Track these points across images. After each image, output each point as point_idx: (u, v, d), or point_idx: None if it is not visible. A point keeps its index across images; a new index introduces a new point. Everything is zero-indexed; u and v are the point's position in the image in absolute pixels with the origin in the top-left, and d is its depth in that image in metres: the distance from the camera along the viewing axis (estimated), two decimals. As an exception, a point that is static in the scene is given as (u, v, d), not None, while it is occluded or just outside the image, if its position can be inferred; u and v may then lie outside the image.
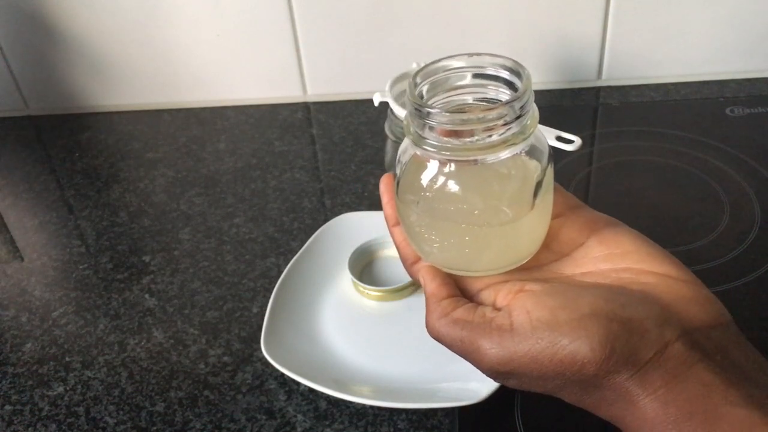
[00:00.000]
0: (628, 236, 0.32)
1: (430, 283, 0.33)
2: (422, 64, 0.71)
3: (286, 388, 0.50)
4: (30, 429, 0.49)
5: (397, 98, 0.62)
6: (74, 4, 0.80)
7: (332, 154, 0.75)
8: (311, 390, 0.49)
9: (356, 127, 0.79)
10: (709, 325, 0.29)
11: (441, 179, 0.31)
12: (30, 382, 0.53)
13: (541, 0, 0.76)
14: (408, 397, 0.46)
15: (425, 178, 0.31)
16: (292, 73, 0.83)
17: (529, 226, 0.32)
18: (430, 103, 0.32)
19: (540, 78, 0.82)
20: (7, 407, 0.51)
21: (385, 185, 0.36)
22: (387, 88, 0.64)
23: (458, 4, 0.76)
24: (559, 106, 0.79)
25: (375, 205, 0.66)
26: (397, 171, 0.33)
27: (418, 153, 0.31)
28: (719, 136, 0.70)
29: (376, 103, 0.65)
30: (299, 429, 0.47)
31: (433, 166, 0.31)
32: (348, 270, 0.55)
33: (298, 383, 0.49)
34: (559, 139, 0.65)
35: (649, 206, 0.63)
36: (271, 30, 0.80)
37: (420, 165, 0.32)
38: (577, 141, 0.65)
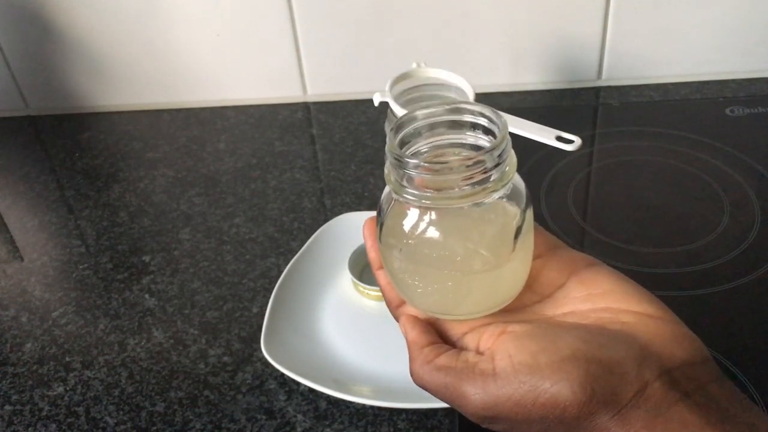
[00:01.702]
0: (607, 276, 0.33)
1: (410, 331, 0.34)
2: (422, 65, 0.71)
3: (286, 388, 0.50)
4: (30, 429, 0.49)
5: (397, 98, 0.62)
6: (74, 4, 0.80)
7: (332, 154, 0.76)
8: (311, 390, 0.49)
9: (356, 127, 0.79)
10: (688, 362, 0.29)
11: (422, 226, 0.31)
12: (30, 382, 0.53)
13: (541, 0, 0.76)
14: (408, 397, 0.46)
15: (407, 225, 0.32)
16: (292, 73, 0.83)
17: (511, 270, 0.33)
18: (409, 151, 0.32)
19: (540, 78, 0.82)
20: (7, 407, 0.51)
21: (368, 230, 0.37)
22: (387, 88, 0.64)
23: (458, 4, 0.77)
24: (559, 106, 0.79)
25: (375, 205, 0.66)
26: (380, 216, 0.34)
27: (401, 201, 0.31)
28: (719, 136, 0.70)
29: (376, 103, 0.65)
30: (299, 429, 0.47)
31: (414, 214, 0.31)
32: (348, 270, 0.55)
33: (298, 383, 0.49)
34: (559, 139, 0.65)
35: (649, 206, 0.63)
36: (271, 30, 0.80)
37: (401, 212, 0.32)
38: (577, 141, 0.65)
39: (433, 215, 0.31)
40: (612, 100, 0.80)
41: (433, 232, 0.31)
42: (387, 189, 0.33)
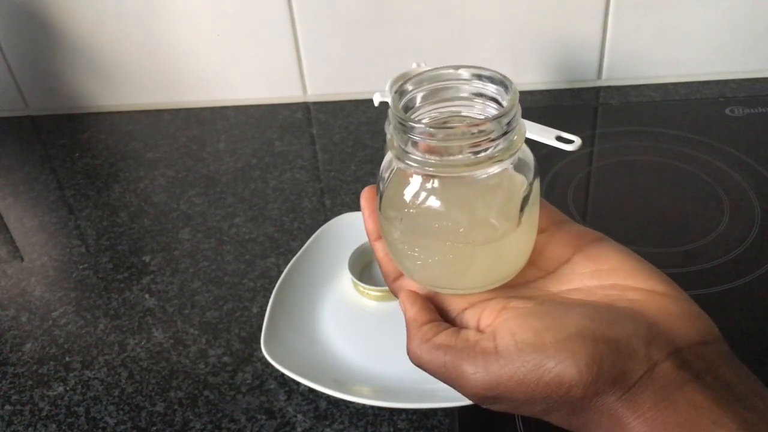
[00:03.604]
0: (614, 252, 0.32)
1: (410, 307, 0.33)
2: (422, 64, 0.71)
3: (286, 388, 0.50)
4: (30, 429, 0.49)
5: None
6: (74, 4, 0.80)
7: (332, 154, 0.76)
8: (311, 390, 0.49)
9: (356, 127, 0.79)
10: (698, 342, 0.28)
11: (425, 195, 0.30)
12: (30, 382, 0.53)
13: (541, 0, 0.76)
14: (408, 397, 0.46)
15: (408, 194, 0.30)
16: (292, 73, 0.83)
17: (516, 243, 0.32)
18: (414, 116, 0.31)
19: (540, 78, 0.82)
20: (7, 407, 0.51)
21: (365, 199, 0.35)
22: (387, 88, 0.64)
23: (458, 4, 0.77)
24: (559, 106, 0.79)
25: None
26: (380, 186, 0.32)
27: (402, 168, 0.30)
28: (719, 136, 0.70)
29: (376, 103, 0.65)
30: (299, 429, 0.47)
31: (416, 182, 0.30)
32: (348, 270, 0.55)
33: (298, 383, 0.49)
34: (559, 139, 0.65)
35: (649, 206, 0.63)
36: (271, 30, 0.80)
37: (403, 180, 0.31)
38: (577, 141, 0.65)
39: (437, 183, 0.30)
40: (612, 100, 0.80)
41: (435, 201, 0.30)
42: (388, 157, 0.32)
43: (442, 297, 0.33)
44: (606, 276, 0.31)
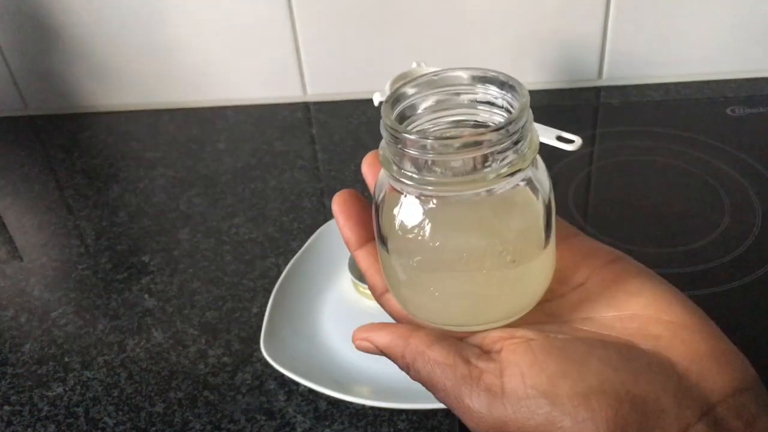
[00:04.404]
0: (632, 276, 0.28)
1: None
2: (423, 64, 0.70)
3: (286, 389, 0.50)
4: (29, 429, 0.49)
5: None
6: (74, 4, 0.80)
7: (332, 154, 0.75)
8: (311, 390, 0.49)
9: (356, 127, 0.79)
10: (734, 391, 0.24)
11: (427, 219, 0.26)
12: (29, 383, 0.53)
13: (541, 0, 0.76)
14: (408, 397, 0.45)
15: (407, 218, 0.26)
16: (292, 73, 0.83)
17: (538, 269, 0.27)
18: (410, 128, 0.27)
19: (540, 78, 0.82)
20: (7, 407, 0.51)
21: (338, 203, 0.31)
22: (387, 88, 0.64)
23: (458, 3, 0.76)
24: (559, 106, 0.79)
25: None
26: (375, 210, 0.28)
27: (397, 188, 0.26)
28: (719, 136, 0.70)
29: (376, 103, 0.65)
30: (299, 429, 0.47)
31: (416, 203, 0.26)
32: (348, 270, 0.55)
33: (297, 384, 0.49)
34: (559, 139, 0.65)
35: (649, 206, 0.63)
36: (271, 30, 0.80)
37: (401, 201, 0.26)
38: (577, 141, 0.65)
39: (438, 204, 0.26)
40: (612, 100, 0.80)
41: (440, 226, 0.26)
42: (381, 175, 0.27)
43: None
44: (625, 305, 0.27)
